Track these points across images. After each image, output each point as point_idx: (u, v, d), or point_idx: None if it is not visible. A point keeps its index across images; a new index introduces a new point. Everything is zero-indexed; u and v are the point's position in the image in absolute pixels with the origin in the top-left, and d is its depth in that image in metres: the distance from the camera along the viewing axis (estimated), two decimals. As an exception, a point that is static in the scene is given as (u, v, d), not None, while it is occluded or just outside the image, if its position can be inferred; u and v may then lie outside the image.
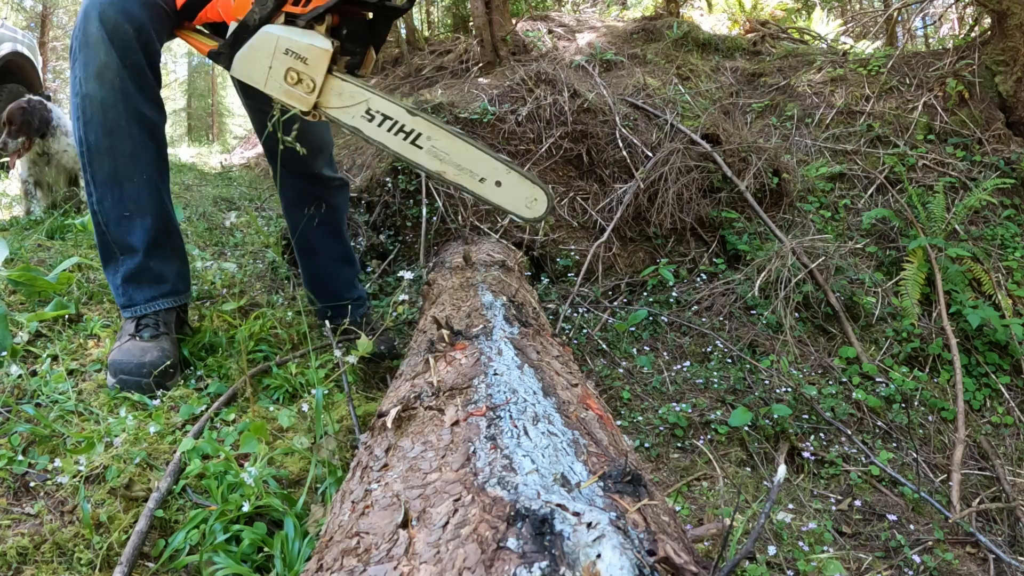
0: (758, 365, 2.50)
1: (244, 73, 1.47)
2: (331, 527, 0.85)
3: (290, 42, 1.42)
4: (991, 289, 2.98)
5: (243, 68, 1.46)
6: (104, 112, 1.47)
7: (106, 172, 1.51)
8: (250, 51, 1.44)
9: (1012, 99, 3.81)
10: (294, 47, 1.42)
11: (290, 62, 1.42)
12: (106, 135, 1.48)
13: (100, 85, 1.45)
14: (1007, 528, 2.09)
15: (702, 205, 3.24)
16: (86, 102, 1.47)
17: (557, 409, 1.02)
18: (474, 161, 1.55)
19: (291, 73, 1.43)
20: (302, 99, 1.46)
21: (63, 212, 3.55)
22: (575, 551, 0.56)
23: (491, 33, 4.93)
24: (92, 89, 1.46)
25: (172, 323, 1.65)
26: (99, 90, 1.45)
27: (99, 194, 1.54)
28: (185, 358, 1.70)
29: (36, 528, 1.16)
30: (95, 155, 1.50)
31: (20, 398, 1.53)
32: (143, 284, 1.61)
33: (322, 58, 1.42)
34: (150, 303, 1.61)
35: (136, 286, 1.60)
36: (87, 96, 1.46)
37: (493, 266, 2.29)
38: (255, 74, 1.46)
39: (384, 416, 1.07)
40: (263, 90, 1.47)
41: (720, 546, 1.26)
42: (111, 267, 1.62)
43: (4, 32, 5.31)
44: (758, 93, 4.54)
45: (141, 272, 1.60)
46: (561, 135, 3.28)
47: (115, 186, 1.52)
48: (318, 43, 1.42)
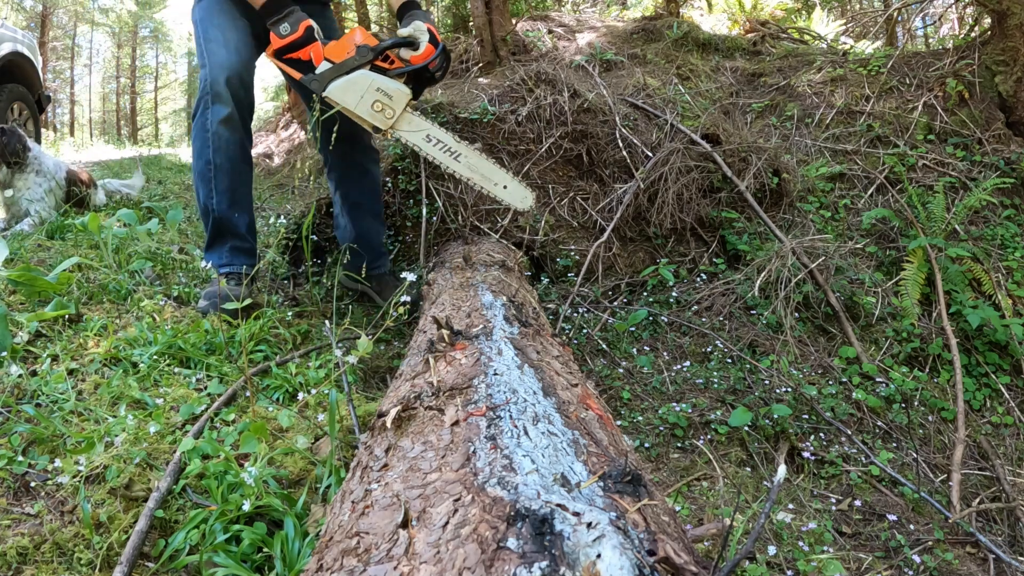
0: (758, 365, 2.50)
1: (339, 97, 2.07)
2: (331, 527, 0.86)
3: (383, 83, 2.08)
4: (991, 289, 2.98)
5: (340, 94, 2.07)
6: (228, 146, 2.19)
7: (225, 184, 2.22)
8: (348, 83, 2.06)
9: (1012, 99, 3.81)
10: (385, 88, 2.09)
11: (379, 96, 2.09)
12: (226, 160, 2.20)
13: (226, 129, 2.17)
14: (1007, 528, 2.09)
15: (702, 205, 3.24)
16: (216, 139, 2.17)
17: (557, 409, 1.02)
18: (492, 172, 2.29)
19: (377, 104, 2.09)
20: (384, 122, 2.13)
21: (63, 213, 3.55)
22: (575, 551, 0.56)
23: (491, 33, 4.92)
24: (221, 131, 2.17)
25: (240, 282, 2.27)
26: (225, 132, 2.17)
27: (218, 198, 2.23)
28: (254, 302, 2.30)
29: (36, 528, 1.16)
30: (219, 172, 2.20)
31: (20, 398, 1.53)
32: (240, 254, 2.30)
33: (404, 98, 2.11)
34: (242, 265, 2.29)
35: (236, 255, 2.30)
36: (217, 134, 2.17)
37: (493, 266, 2.29)
38: (348, 99, 2.08)
39: (384, 416, 1.07)
40: (352, 109, 2.09)
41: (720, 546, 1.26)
42: (218, 245, 2.30)
43: (4, 32, 5.30)
44: (758, 93, 4.54)
45: (242, 246, 2.31)
46: (561, 135, 3.28)
47: (230, 192, 2.23)
48: (403, 89, 2.11)
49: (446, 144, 2.21)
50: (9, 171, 3.38)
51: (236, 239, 2.30)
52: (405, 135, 2.17)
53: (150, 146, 13.97)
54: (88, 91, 28.84)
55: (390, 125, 2.12)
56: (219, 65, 2.13)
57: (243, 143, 2.22)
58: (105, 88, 29.88)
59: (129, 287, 2.28)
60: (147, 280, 2.45)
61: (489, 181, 2.27)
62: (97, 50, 28.48)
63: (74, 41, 25.99)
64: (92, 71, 28.72)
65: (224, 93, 2.14)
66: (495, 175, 2.27)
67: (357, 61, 2.06)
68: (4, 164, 3.34)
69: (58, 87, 25.08)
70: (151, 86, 31.03)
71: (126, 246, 2.68)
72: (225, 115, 2.14)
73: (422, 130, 2.18)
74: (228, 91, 2.14)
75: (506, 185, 2.28)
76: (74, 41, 25.99)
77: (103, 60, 29.10)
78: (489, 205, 3.16)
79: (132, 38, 27.41)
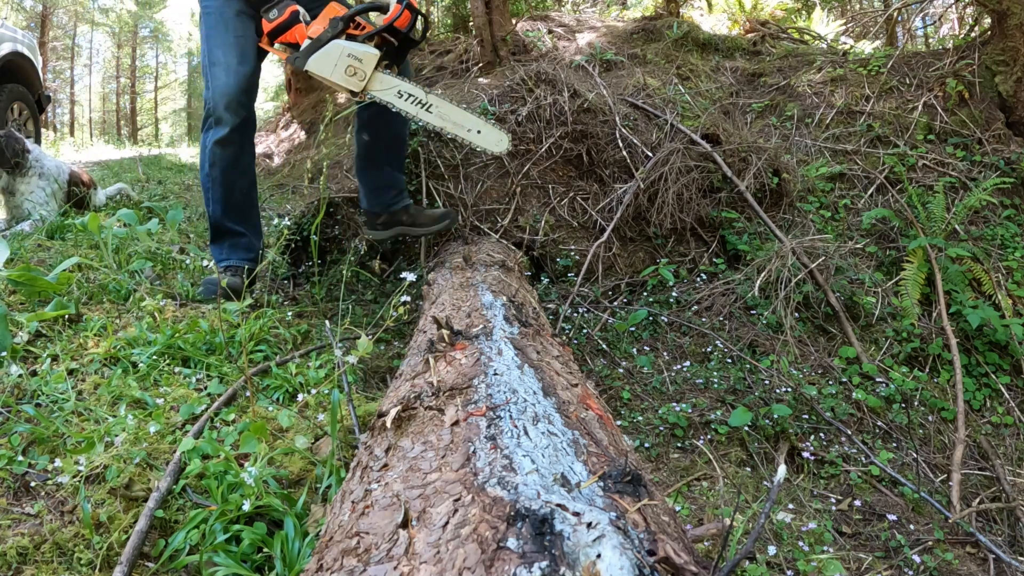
0: (758, 365, 2.50)
1: (316, 68, 2.20)
2: (331, 527, 0.86)
3: (352, 48, 2.19)
4: (991, 289, 2.97)
5: (317, 64, 2.20)
6: (221, 162, 2.40)
7: (219, 194, 2.45)
8: (323, 54, 2.20)
9: (1012, 99, 3.81)
10: (355, 52, 2.19)
11: (351, 61, 2.19)
12: (220, 174, 2.42)
13: (220, 148, 2.38)
14: (1007, 528, 2.09)
15: (702, 205, 3.23)
16: (212, 155, 2.40)
17: (557, 409, 1.02)
18: (464, 119, 2.35)
19: (350, 68, 2.20)
20: (357, 84, 2.22)
21: (63, 213, 3.55)
22: (575, 551, 0.56)
23: (491, 33, 4.92)
24: (216, 150, 2.38)
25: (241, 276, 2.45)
26: (219, 150, 2.38)
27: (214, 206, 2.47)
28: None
29: (36, 528, 1.16)
30: (215, 184, 2.44)
31: (20, 398, 1.53)
32: (238, 250, 2.51)
33: (372, 59, 2.20)
34: (239, 261, 2.49)
35: (234, 250, 2.51)
36: (213, 152, 2.39)
37: (493, 266, 2.29)
38: (324, 68, 2.20)
39: (384, 416, 1.07)
40: (329, 77, 2.20)
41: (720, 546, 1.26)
42: (219, 242, 2.53)
43: (4, 32, 5.30)
44: (758, 93, 4.54)
45: (238, 243, 2.51)
46: (561, 135, 3.27)
47: (224, 202, 2.47)
48: (370, 50, 2.20)
49: (417, 97, 2.28)
50: (11, 176, 3.37)
51: (233, 237, 2.51)
52: (378, 94, 2.27)
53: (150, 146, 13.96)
54: (88, 91, 28.84)
55: (363, 87, 2.22)
56: (221, 92, 2.36)
57: (238, 158, 2.44)
58: (105, 88, 29.88)
59: (129, 287, 2.28)
60: (147, 280, 2.45)
61: (462, 128, 2.33)
62: (97, 50, 28.49)
63: (74, 41, 25.99)
64: (92, 71, 28.72)
65: (225, 116, 2.36)
66: (468, 121, 2.34)
67: (330, 33, 2.20)
68: (5, 168, 3.33)
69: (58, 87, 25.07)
70: (151, 86, 31.03)
71: (126, 246, 2.68)
72: (222, 136, 2.37)
73: (393, 87, 2.26)
74: (228, 114, 2.36)
75: (480, 130, 2.35)
76: (74, 41, 25.99)
77: (103, 60, 29.11)
78: (489, 205, 3.16)
79: (132, 38, 27.40)
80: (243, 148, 2.45)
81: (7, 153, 3.30)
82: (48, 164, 3.55)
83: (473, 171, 3.22)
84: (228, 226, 2.50)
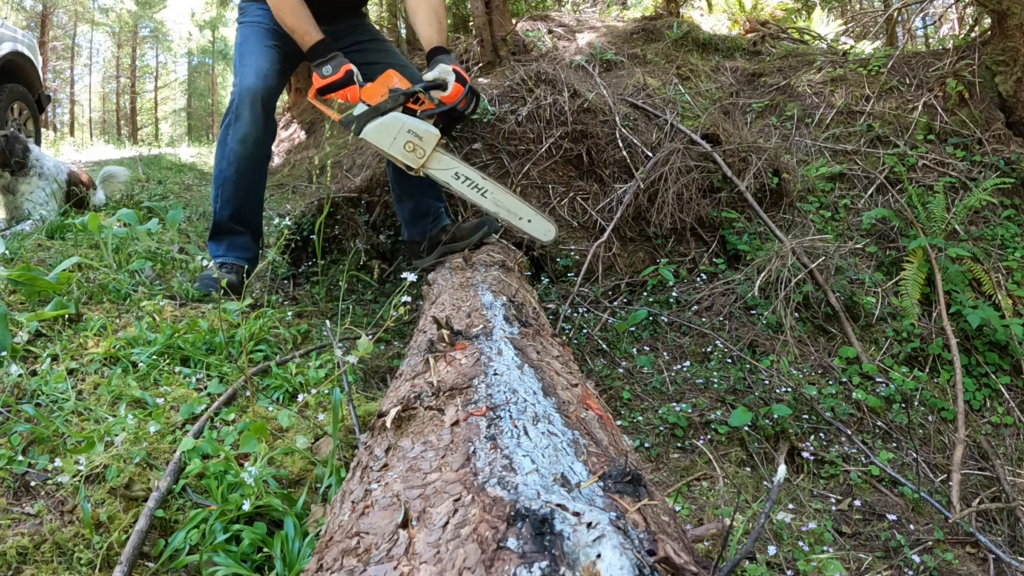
0: (758, 365, 2.50)
1: (374, 138, 2.19)
2: (331, 527, 0.85)
3: (413, 125, 2.18)
4: (991, 289, 2.97)
5: (375, 135, 2.19)
6: (239, 161, 2.40)
7: (230, 193, 2.45)
8: (382, 125, 2.18)
9: (1012, 99, 3.80)
10: (415, 129, 2.18)
11: (410, 137, 2.18)
12: (235, 173, 2.43)
13: (241, 147, 2.38)
14: (1007, 528, 2.09)
15: (702, 205, 3.23)
16: (232, 154, 2.40)
17: (557, 409, 1.02)
18: (517, 207, 2.38)
19: (409, 144, 2.19)
20: (416, 161, 2.22)
21: (63, 213, 3.55)
22: (575, 551, 0.56)
23: (491, 33, 4.92)
24: (237, 148, 2.39)
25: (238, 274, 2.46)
26: (240, 149, 2.38)
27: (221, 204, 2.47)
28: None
29: (36, 528, 1.16)
30: (227, 182, 2.44)
31: (20, 398, 1.53)
32: (235, 248, 2.51)
33: (432, 139, 2.20)
34: (236, 259, 2.49)
35: (231, 249, 2.51)
36: (233, 150, 2.40)
37: (493, 266, 2.29)
38: (383, 140, 2.19)
39: (384, 416, 1.07)
40: (386, 150, 2.21)
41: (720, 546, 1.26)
42: (219, 239, 2.52)
43: (4, 32, 5.30)
44: (758, 93, 4.54)
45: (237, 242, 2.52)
46: (561, 135, 3.27)
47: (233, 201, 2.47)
48: (432, 130, 2.20)
49: (473, 181, 2.31)
50: (12, 176, 3.37)
51: (233, 236, 2.53)
52: (435, 173, 2.28)
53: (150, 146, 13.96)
54: (88, 91, 28.85)
55: (421, 164, 2.23)
56: (247, 89, 2.37)
57: (256, 159, 2.44)
58: (105, 88, 29.88)
59: (129, 287, 2.28)
60: (147, 280, 2.45)
61: (514, 216, 2.38)
62: (97, 50, 28.49)
63: (74, 41, 25.99)
64: (92, 71, 28.72)
65: (245, 115, 2.37)
66: (520, 210, 2.39)
67: (389, 104, 2.18)
68: (7, 169, 3.33)
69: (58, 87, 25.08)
70: (151, 86, 31.03)
71: (126, 246, 2.68)
72: (243, 134, 2.38)
73: (451, 168, 2.29)
74: (250, 113, 2.37)
75: (530, 219, 2.39)
76: (74, 41, 25.99)
77: (103, 60, 29.11)
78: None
79: (132, 38, 27.40)
80: (262, 151, 2.46)
81: (10, 154, 3.31)
82: (48, 164, 3.55)
83: (473, 171, 3.22)
84: (231, 226, 2.51)
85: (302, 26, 2.27)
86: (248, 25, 2.49)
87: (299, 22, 2.27)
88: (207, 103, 30.50)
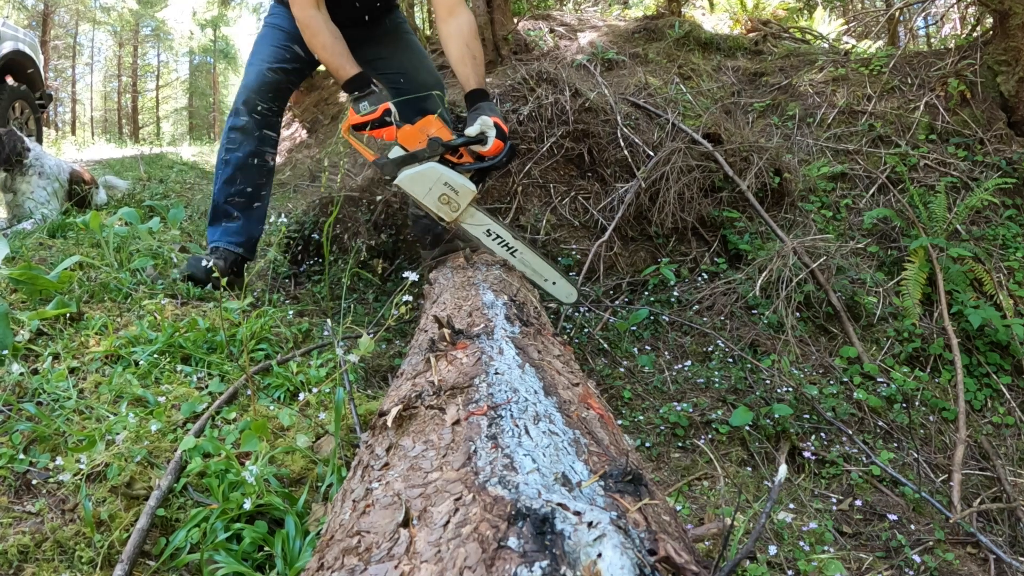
0: (759, 365, 2.50)
1: (408, 186, 2.14)
2: (332, 526, 0.85)
3: (450, 178, 2.12)
4: (992, 289, 2.97)
5: (409, 183, 2.13)
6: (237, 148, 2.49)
7: (226, 176, 2.52)
8: (418, 175, 2.12)
9: (1014, 99, 3.80)
10: (452, 182, 2.12)
11: (446, 190, 2.12)
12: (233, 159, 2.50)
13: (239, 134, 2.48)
14: (1008, 528, 2.09)
15: (703, 204, 3.23)
16: (230, 140, 2.50)
17: (558, 408, 1.02)
18: (544, 269, 2.34)
19: (444, 197, 2.13)
20: (449, 214, 2.16)
21: (64, 212, 3.55)
22: (576, 550, 0.56)
23: (492, 32, 4.92)
24: (234, 135, 2.49)
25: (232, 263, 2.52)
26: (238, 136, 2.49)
27: (219, 187, 2.55)
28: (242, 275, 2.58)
29: (37, 526, 1.16)
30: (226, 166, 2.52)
31: (21, 396, 1.53)
32: (229, 233, 2.55)
33: (468, 195, 2.14)
34: (227, 244, 2.54)
35: (225, 234, 2.55)
36: (231, 137, 2.50)
37: (494, 265, 2.29)
38: (418, 190, 2.13)
39: (385, 415, 1.07)
40: (421, 200, 2.16)
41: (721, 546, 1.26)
42: (215, 224, 2.58)
43: (6, 31, 5.31)
44: (760, 92, 4.54)
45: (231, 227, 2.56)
46: (563, 134, 3.27)
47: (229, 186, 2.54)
48: (468, 185, 2.14)
49: (504, 240, 2.30)
50: (10, 174, 3.37)
51: (228, 220, 2.59)
52: (468, 227, 2.27)
53: (151, 145, 13.97)
54: (89, 90, 28.84)
55: (454, 218, 2.19)
56: (246, 86, 2.49)
57: (253, 151, 2.52)
58: (106, 87, 29.88)
59: (130, 286, 2.28)
60: (148, 279, 2.45)
61: (540, 276, 2.36)
62: (99, 49, 28.49)
63: (75, 40, 25.99)
64: (93, 70, 28.72)
65: (242, 109, 2.47)
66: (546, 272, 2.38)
67: (428, 153, 2.14)
68: (4, 167, 3.33)
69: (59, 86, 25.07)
70: (152, 85, 31.02)
71: (127, 244, 2.68)
72: (241, 124, 2.48)
73: (483, 225, 2.27)
74: (246, 108, 2.47)
75: (555, 282, 2.39)
76: (75, 40, 25.99)
77: (104, 59, 29.11)
78: (491, 204, 3.16)
79: (133, 37, 27.40)
80: (260, 144, 2.52)
81: (6, 150, 3.30)
82: (49, 163, 3.55)
83: (474, 170, 3.22)
84: (227, 209, 2.56)
85: (336, 60, 2.24)
86: (267, 25, 2.56)
87: (333, 57, 2.25)
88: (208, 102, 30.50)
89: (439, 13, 2.40)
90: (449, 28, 2.35)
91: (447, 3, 2.35)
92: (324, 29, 2.25)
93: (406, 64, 2.65)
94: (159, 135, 26.44)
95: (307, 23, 2.24)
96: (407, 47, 2.69)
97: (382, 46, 2.62)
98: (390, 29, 2.67)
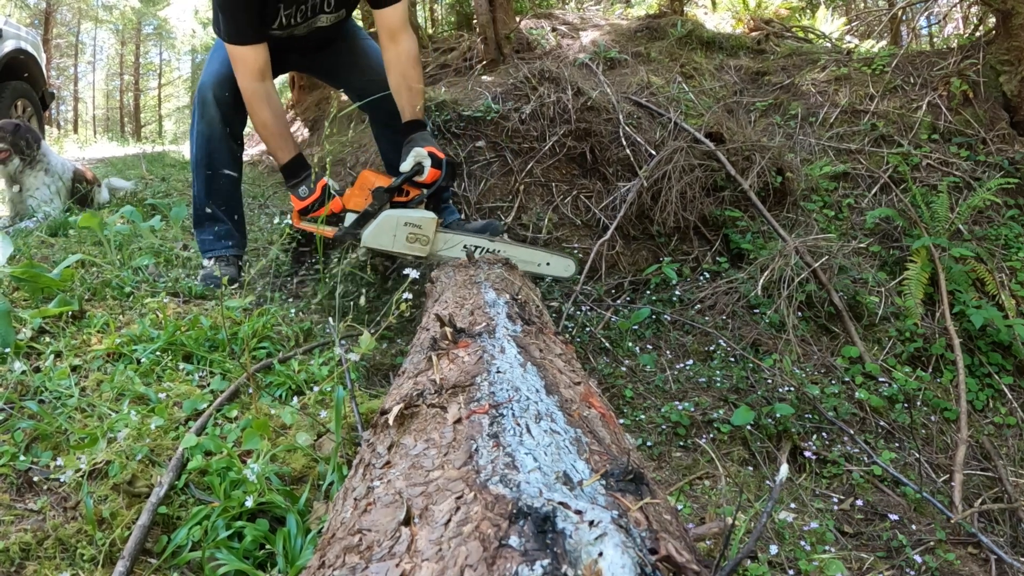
0: (761, 364, 2.49)
1: (374, 242, 2.18)
2: (333, 524, 0.86)
3: (408, 216, 2.16)
4: (994, 289, 2.97)
5: (374, 239, 2.18)
6: (207, 144, 2.45)
7: (205, 174, 2.49)
8: (377, 228, 2.17)
9: (1016, 99, 3.79)
10: (411, 219, 2.16)
11: (410, 229, 2.16)
12: (205, 156, 2.46)
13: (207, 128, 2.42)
14: (1009, 529, 2.09)
15: (705, 204, 3.23)
16: (200, 138, 2.46)
17: (559, 407, 1.02)
18: (531, 255, 2.38)
19: (411, 235, 2.17)
20: (421, 250, 2.21)
21: (67, 210, 3.55)
22: (577, 549, 0.56)
23: (494, 31, 4.91)
24: (203, 128, 2.44)
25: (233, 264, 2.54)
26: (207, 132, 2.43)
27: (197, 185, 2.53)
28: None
29: (39, 524, 1.17)
30: (200, 165, 2.48)
31: (23, 394, 1.53)
32: (222, 238, 2.54)
33: (431, 224, 2.19)
34: (226, 250, 2.54)
35: (218, 240, 2.54)
36: (201, 134, 2.45)
37: (496, 264, 2.29)
38: (384, 241, 2.18)
39: (387, 414, 1.07)
40: (391, 249, 2.20)
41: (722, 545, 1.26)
42: (202, 227, 2.56)
43: (8, 29, 5.31)
44: (762, 92, 4.53)
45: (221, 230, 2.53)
46: (564, 133, 3.27)
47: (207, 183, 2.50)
48: (427, 215, 2.19)
49: (484, 248, 2.34)
50: (20, 165, 3.39)
51: (216, 224, 2.56)
52: (445, 253, 2.29)
53: (154, 143, 13.97)
54: (92, 88, 28.86)
55: (428, 251, 2.23)
56: (204, 76, 2.46)
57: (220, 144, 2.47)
58: (109, 85, 29.90)
59: (132, 284, 2.28)
60: (150, 277, 2.45)
61: (532, 264, 2.38)
62: (101, 47, 28.49)
63: (78, 38, 25.99)
64: (96, 68, 28.73)
65: (208, 98, 2.42)
66: (535, 257, 2.40)
67: (377, 205, 2.21)
68: (18, 155, 3.35)
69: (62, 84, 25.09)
70: (155, 83, 31.03)
71: (129, 243, 2.68)
72: (208, 118, 2.44)
73: (458, 243, 2.30)
74: (209, 97, 2.42)
75: (548, 262, 2.40)
76: (78, 38, 25.99)
77: (107, 57, 29.11)
78: (492, 203, 3.16)
79: (136, 35, 27.41)
80: (225, 136, 2.47)
81: (23, 140, 3.33)
82: (53, 161, 3.56)
83: (476, 169, 3.22)
84: (210, 211, 2.54)
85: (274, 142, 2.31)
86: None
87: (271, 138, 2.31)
88: (210, 101, 30.48)
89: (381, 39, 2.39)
90: (388, 56, 2.37)
91: (389, 29, 2.35)
92: (266, 106, 2.27)
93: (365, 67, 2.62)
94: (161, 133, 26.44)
95: (249, 98, 2.27)
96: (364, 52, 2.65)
97: (340, 55, 2.61)
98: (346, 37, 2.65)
